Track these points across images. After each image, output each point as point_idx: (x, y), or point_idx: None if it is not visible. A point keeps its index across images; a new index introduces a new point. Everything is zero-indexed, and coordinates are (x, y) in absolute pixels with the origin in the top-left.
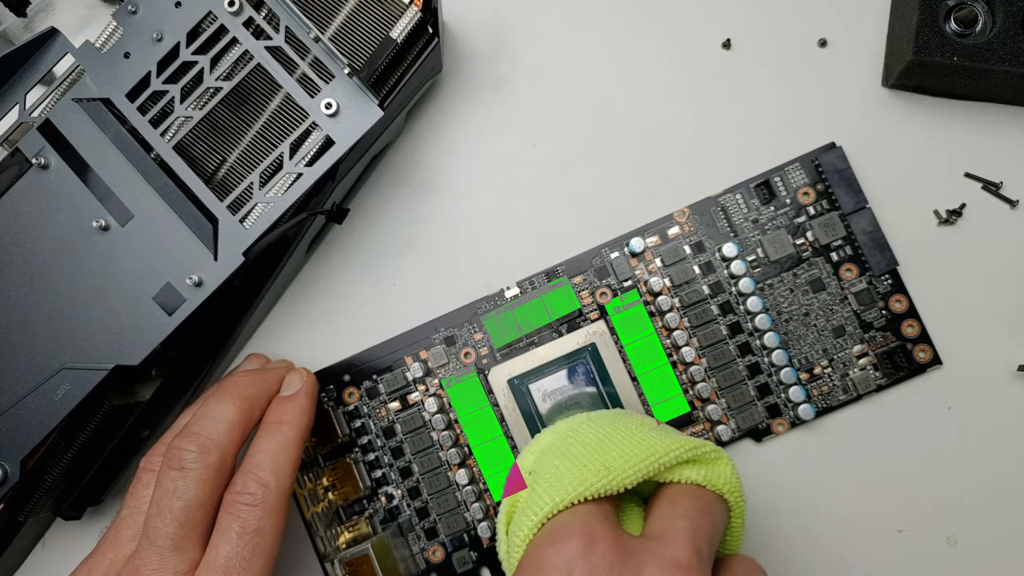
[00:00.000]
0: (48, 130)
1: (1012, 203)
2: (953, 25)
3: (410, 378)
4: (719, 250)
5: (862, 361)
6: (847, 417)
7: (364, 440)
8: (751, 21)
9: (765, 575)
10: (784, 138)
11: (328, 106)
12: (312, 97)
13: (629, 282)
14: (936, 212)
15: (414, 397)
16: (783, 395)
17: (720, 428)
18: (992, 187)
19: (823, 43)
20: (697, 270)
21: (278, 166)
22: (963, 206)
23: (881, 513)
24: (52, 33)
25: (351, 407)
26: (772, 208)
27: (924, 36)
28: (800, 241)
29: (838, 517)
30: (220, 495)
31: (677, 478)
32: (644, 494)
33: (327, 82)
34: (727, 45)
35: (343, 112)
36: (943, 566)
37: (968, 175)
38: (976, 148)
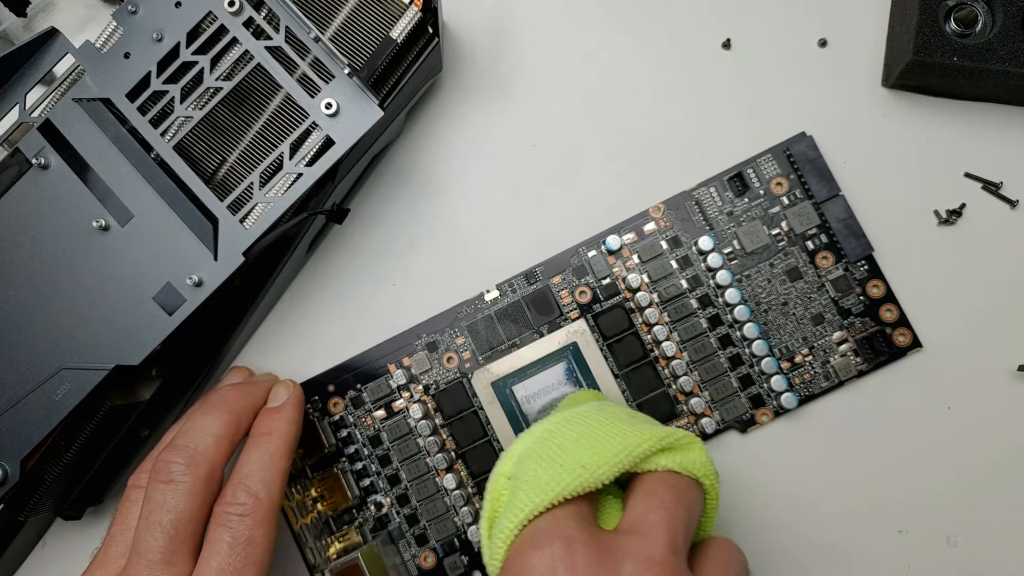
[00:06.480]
0: (48, 130)
1: (1012, 203)
2: (953, 25)
3: (394, 385)
4: (695, 244)
5: (842, 347)
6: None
7: (351, 449)
8: (751, 21)
9: (741, 555)
10: (783, 139)
11: (328, 106)
12: (312, 97)
13: (608, 280)
14: (936, 212)
15: (399, 404)
16: (765, 385)
17: (704, 421)
18: (992, 187)
19: (823, 43)
20: (674, 265)
21: (278, 166)
22: (963, 206)
23: (880, 513)
24: (52, 33)
25: (336, 417)
26: (746, 200)
27: (924, 36)
28: (775, 231)
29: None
30: (209, 508)
31: (652, 467)
32: (623, 482)
33: (327, 82)
34: (727, 45)
35: (343, 112)
36: (943, 566)
37: (968, 175)
38: (976, 148)
